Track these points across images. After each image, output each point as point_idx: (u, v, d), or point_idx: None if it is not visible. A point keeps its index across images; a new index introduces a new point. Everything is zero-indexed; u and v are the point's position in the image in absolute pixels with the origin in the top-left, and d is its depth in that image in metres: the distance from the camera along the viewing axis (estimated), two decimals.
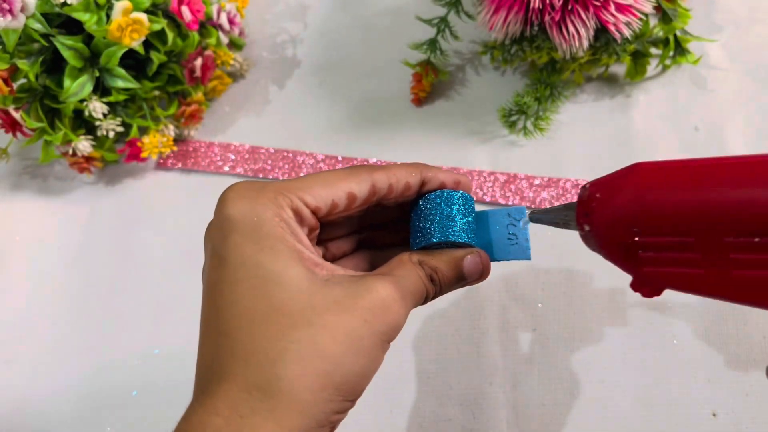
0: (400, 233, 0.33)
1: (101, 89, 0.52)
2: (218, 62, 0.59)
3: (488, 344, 0.47)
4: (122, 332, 0.51)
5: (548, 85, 0.55)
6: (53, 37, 0.48)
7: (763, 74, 0.57)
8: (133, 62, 0.53)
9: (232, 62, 0.60)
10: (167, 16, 0.52)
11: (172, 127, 0.56)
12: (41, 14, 0.48)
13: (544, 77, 0.56)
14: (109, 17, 0.48)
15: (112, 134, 0.54)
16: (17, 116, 0.51)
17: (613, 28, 0.48)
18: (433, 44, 0.57)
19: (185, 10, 0.51)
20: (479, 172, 0.54)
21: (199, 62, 0.56)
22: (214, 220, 0.27)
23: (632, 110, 0.56)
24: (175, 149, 0.56)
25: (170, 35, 0.51)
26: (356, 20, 0.65)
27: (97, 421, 0.48)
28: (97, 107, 0.51)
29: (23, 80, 0.51)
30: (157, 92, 0.56)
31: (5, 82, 0.49)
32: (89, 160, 0.55)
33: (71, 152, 0.54)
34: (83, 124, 0.55)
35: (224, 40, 0.59)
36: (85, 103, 0.51)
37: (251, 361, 0.24)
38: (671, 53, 0.55)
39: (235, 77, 0.63)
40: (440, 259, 0.30)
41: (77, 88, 0.50)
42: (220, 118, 0.61)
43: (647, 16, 0.52)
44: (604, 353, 0.46)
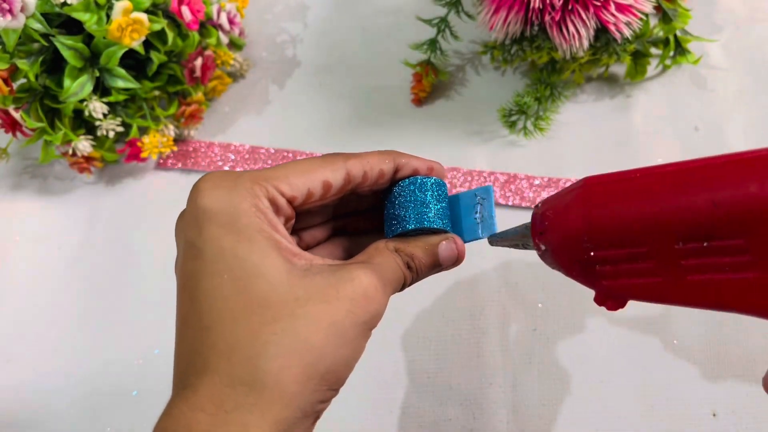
0: (374, 220, 0.33)
1: (101, 89, 0.52)
2: (218, 62, 0.59)
3: (488, 344, 0.47)
4: (122, 332, 0.51)
5: (548, 85, 0.55)
6: (53, 37, 0.48)
7: (763, 74, 0.57)
8: (133, 62, 0.53)
9: (232, 62, 0.60)
10: (167, 16, 0.52)
11: (172, 127, 0.56)
12: (41, 14, 0.48)
13: (544, 77, 0.56)
14: (109, 17, 0.48)
15: (112, 134, 0.54)
16: (17, 116, 0.51)
17: (613, 28, 0.48)
18: (433, 44, 0.57)
19: (185, 10, 0.51)
20: (479, 172, 0.54)
21: (199, 62, 0.56)
22: (186, 210, 0.27)
23: (632, 110, 0.56)
24: (175, 149, 0.56)
25: (170, 35, 0.51)
26: (356, 20, 0.65)
27: (97, 421, 0.48)
28: (97, 107, 0.51)
29: (23, 80, 0.51)
30: (157, 92, 0.56)
31: (5, 82, 0.49)
32: (89, 160, 0.55)
33: (71, 152, 0.54)
34: (83, 124, 0.55)
35: (224, 40, 0.59)
36: (85, 103, 0.51)
37: (234, 354, 0.24)
38: (671, 53, 0.56)
39: (235, 77, 0.63)
40: (416, 245, 0.30)
41: (77, 88, 0.50)
42: (220, 118, 0.61)
43: (647, 16, 0.52)
44: (604, 353, 0.46)
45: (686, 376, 0.45)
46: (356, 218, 0.33)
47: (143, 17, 0.49)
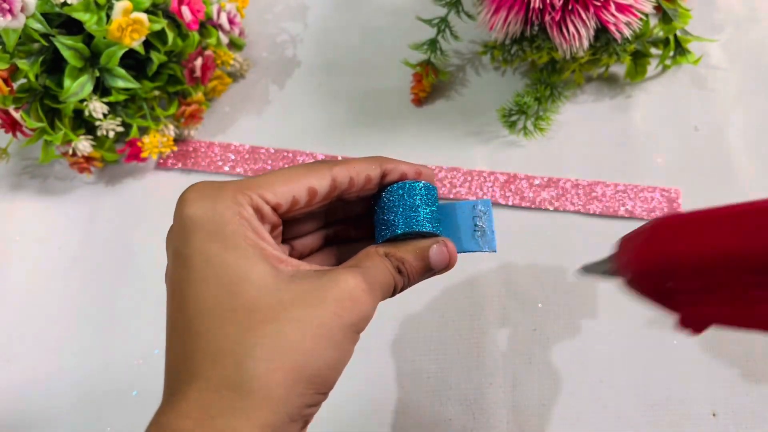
0: (366, 228, 0.33)
1: (101, 89, 0.52)
2: (218, 62, 0.59)
3: (488, 344, 0.47)
4: (122, 332, 0.51)
5: (548, 85, 0.55)
6: (53, 37, 0.48)
7: (763, 74, 0.57)
8: (133, 62, 0.53)
9: (232, 62, 0.60)
10: (167, 16, 0.52)
11: (172, 127, 0.56)
12: (41, 14, 0.48)
13: (544, 77, 0.56)
14: (109, 17, 0.48)
15: (112, 134, 0.54)
16: (17, 116, 0.51)
17: (613, 28, 0.48)
18: (433, 44, 0.57)
19: (185, 10, 0.51)
20: (479, 172, 0.54)
21: (199, 62, 0.56)
22: (174, 222, 0.27)
23: (632, 110, 0.56)
24: (175, 149, 0.56)
25: (170, 35, 0.51)
26: (356, 20, 0.65)
27: (97, 421, 0.48)
28: (97, 107, 0.51)
29: (23, 80, 0.51)
30: (157, 92, 0.56)
31: (5, 82, 0.49)
32: (89, 160, 0.55)
33: (71, 152, 0.54)
34: (83, 124, 0.55)
35: (224, 40, 0.59)
36: (85, 103, 0.51)
37: (220, 360, 0.24)
38: (671, 53, 0.56)
39: (235, 77, 0.63)
40: (406, 249, 0.29)
41: (77, 88, 0.50)
42: (220, 118, 0.61)
43: (647, 16, 0.52)
44: (604, 353, 0.46)
45: (686, 376, 0.45)
46: (348, 226, 0.33)
47: (143, 17, 0.49)
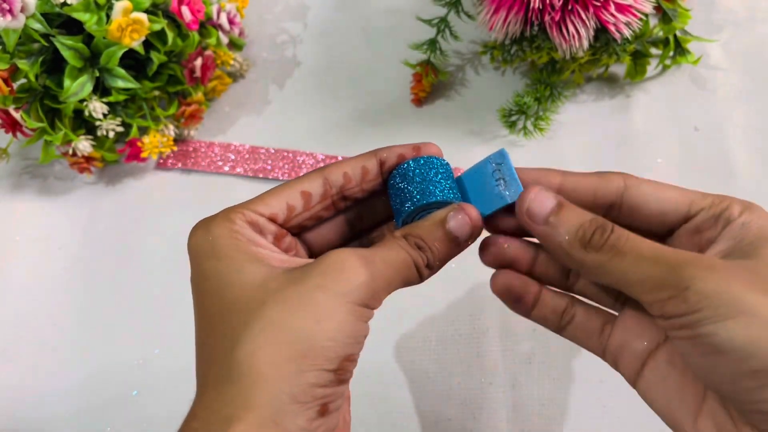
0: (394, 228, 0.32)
1: (101, 89, 0.52)
2: (218, 62, 0.59)
3: (488, 344, 0.47)
4: (122, 332, 0.51)
5: (548, 85, 0.55)
6: (53, 37, 0.48)
7: (763, 74, 0.57)
8: (133, 62, 0.53)
9: (232, 62, 0.60)
10: (167, 16, 0.52)
11: (172, 127, 0.56)
12: (41, 14, 0.48)
13: (544, 77, 0.56)
14: (109, 17, 0.48)
15: (112, 134, 0.54)
16: (17, 116, 0.51)
17: (613, 28, 0.48)
18: (433, 44, 0.57)
19: (185, 10, 0.51)
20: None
21: (199, 62, 0.56)
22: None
23: (632, 110, 0.56)
24: (175, 149, 0.56)
25: (170, 35, 0.51)
26: (356, 20, 0.65)
27: (97, 421, 0.48)
28: (97, 107, 0.51)
29: (23, 80, 0.51)
30: (157, 92, 0.56)
31: (5, 82, 0.49)
32: (89, 160, 0.55)
33: (71, 152, 0.54)
34: (83, 124, 0.55)
35: (224, 40, 0.59)
36: (85, 103, 0.51)
37: (215, 357, 0.25)
38: (671, 53, 0.56)
39: (235, 77, 0.63)
40: (422, 225, 0.28)
41: (77, 88, 0.50)
42: (220, 118, 0.61)
43: (647, 16, 0.52)
44: None
45: None
46: (379, 229, 0.33)
47: (143, 17, 0.49)
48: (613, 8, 0.47)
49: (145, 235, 0.55)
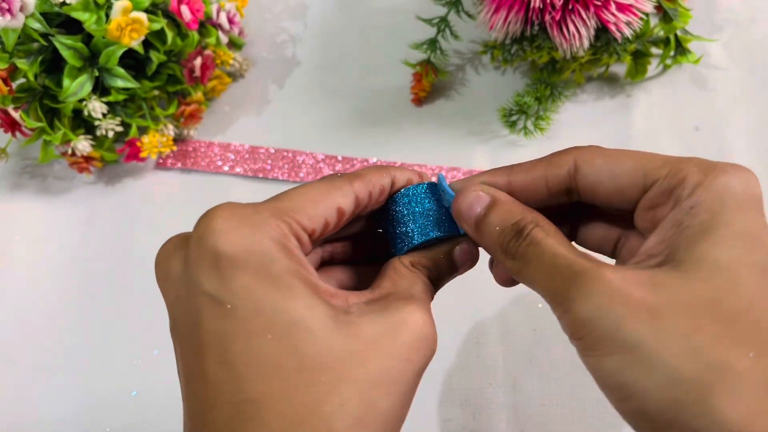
0: (363, 246, 0.31)
1: (101, 89, 0.52)
2: (218, 62, 0.59)
3: (488, 344, 0.47)
4: (122, 332, 0.51)
5: (549, 84, 0.55)
6: (52, 36, 0.48)
7: (763, 74, 0.57)
8: (132, 62, 0.53)
9: (231, 62, 0.60)
10: (167, 15, 0.52)
11: (171, 126, 0.56)
12: (41, 14, 0.48)
13: (544, 77, 0.56)
14: (108, 17, 0.48)
15: (111, 134, 0.53)
16: (16, 116, 0.51)
17: (613, 27, 0.48)
18: (433, 44, 0.57)
19: (185, 9, 0.51)
20: (479, 172, 0.54)
21: (198, 62, 0.56)
22: (196, 254, 0.22)
23: (633, 110, 0.56)
24: (174, 149, 0.56)
25: (170, 35, 0.51)
26: (356, 20, 0.65)
27: (97, 421, 0.48)
28: (96, 107, 0.51)
29: (22, 80, 0.51)
30: (156, 92, 0.56)
31: (4, 81, 0.49)
32: (89, 159, 0.55)
33: (70, 152, 0.54)
34: (83, 123, 0.55)
35: (224, 39, 0.58)
36: (84, 102, 0.51)
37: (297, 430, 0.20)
38: (672, 53, 0.55)
39: (234, 77, 0.63)
40: (430, 257, 0.28)
41: (76, 87, 0.50)
42: (219, 118, 0.61)
43: (648, 15, 0.52)
44: None
45: None
46: (345, 245, 0.31)
47: (142, 17, 0.48)
48: (613, 8, 0.47)
49: (144, 234, 0.55)
